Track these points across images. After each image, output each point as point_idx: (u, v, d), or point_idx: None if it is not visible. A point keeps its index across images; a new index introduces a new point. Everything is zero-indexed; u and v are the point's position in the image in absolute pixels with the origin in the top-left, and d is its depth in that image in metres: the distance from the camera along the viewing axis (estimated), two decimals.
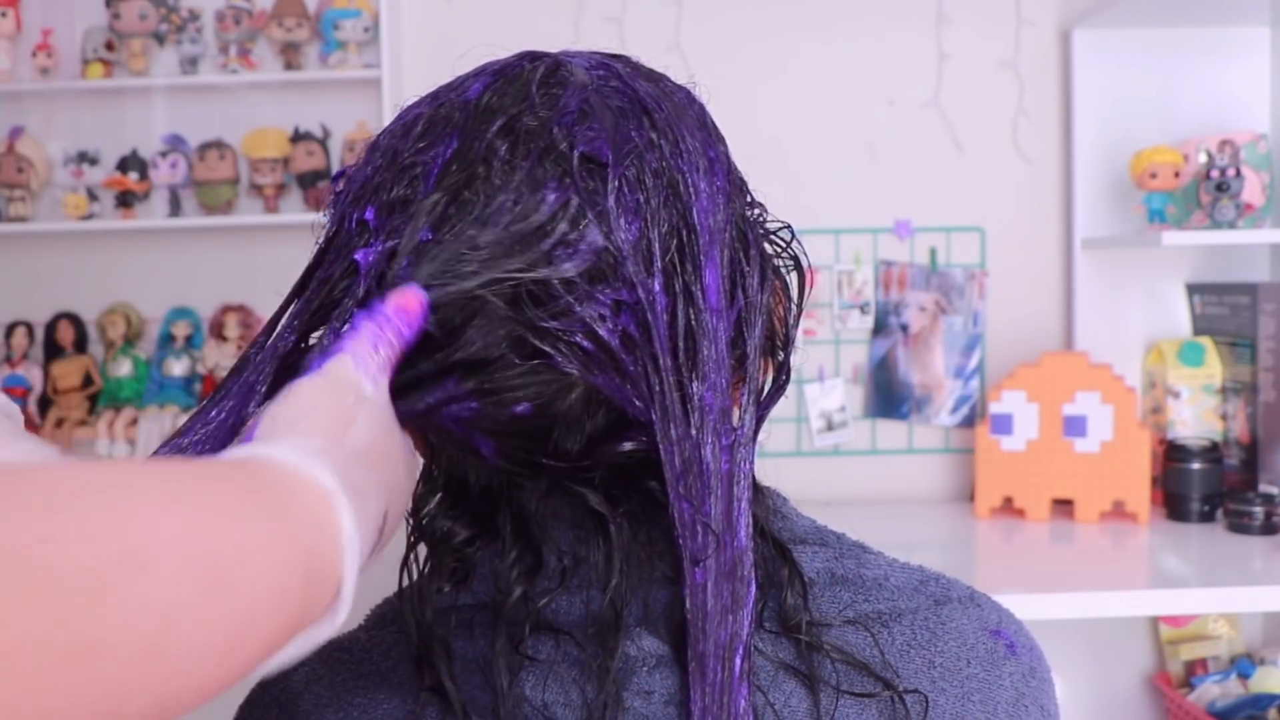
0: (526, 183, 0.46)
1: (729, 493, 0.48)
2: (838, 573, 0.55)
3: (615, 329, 0.46)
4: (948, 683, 0.52)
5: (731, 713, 0.47)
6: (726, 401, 0.48)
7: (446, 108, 0.49)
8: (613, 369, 0.46)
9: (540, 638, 0.51)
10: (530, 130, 0.47)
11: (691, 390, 0.47)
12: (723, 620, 0.47)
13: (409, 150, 0.48)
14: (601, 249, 0.45)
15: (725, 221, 0.49)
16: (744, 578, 0.48)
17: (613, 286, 0.46)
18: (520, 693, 0.50)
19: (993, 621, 0.55)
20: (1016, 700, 0.53)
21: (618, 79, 0.50)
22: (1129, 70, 1.94)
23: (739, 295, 0.49)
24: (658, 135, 0.48)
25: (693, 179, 0.48)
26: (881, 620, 0.53)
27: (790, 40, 2.01)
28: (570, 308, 0.45)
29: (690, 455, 0.47)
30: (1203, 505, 1.77)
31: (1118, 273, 1.96)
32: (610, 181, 0.46)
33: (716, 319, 0.48)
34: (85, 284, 2.04)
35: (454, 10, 2.02)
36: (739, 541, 0.48)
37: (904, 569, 0.56)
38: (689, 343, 0.47)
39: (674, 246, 0.47)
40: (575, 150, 0.46)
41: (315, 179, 1.98)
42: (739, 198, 0.52)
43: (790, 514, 0.57)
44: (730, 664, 0.47)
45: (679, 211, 0.47)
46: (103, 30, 1.99)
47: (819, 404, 2.02)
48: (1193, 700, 1.80)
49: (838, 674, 0.51)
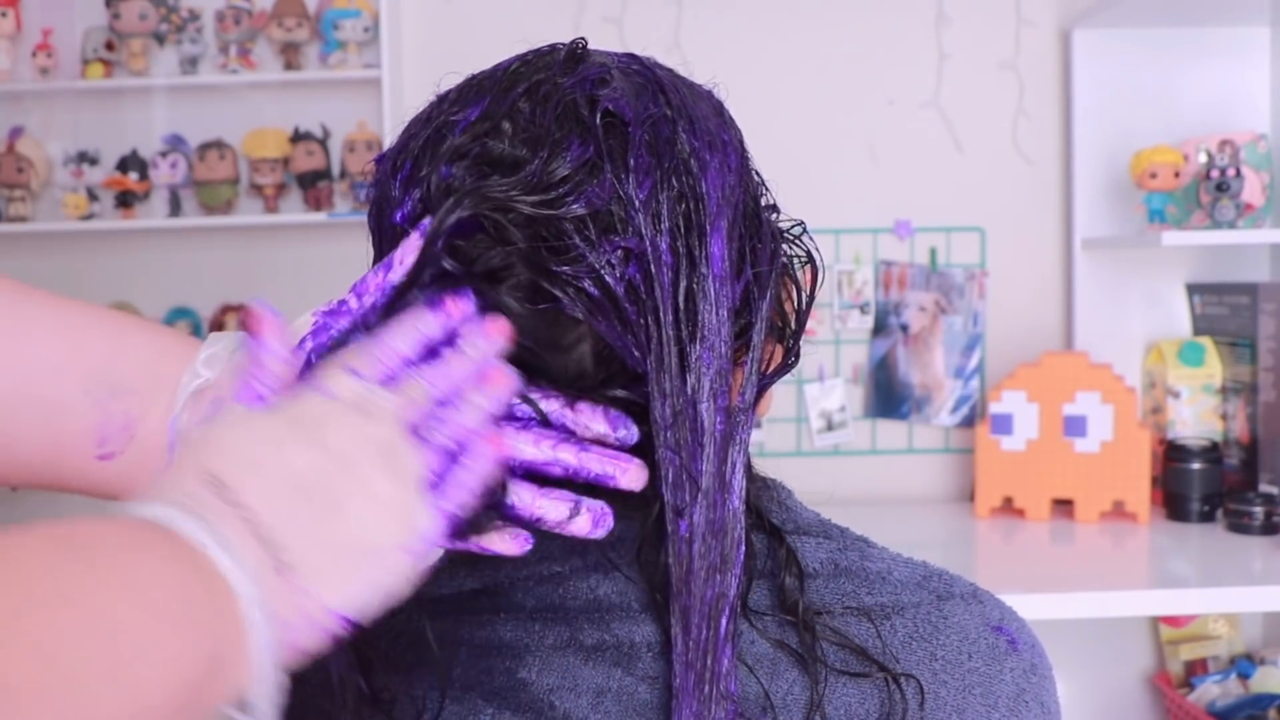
0: (547, 137, 0.48)
1: (722, 453, 0.49)
2: (841, 564, 0.55)
3: (621, 277, 0.48)
4: (949, 675, 0.52)
5: (715, 671, 0.48)
6: (725, 364, 0.49)
7: (478, 79, 0.52)
8: (615, 317, 0.48)
9: (546, 623, 0.51)
10: (551, 92, 0.49)
11: (690, 350, 0.48)
12: (709, 578, 0.48)
13: (440, 114, 0.51)
14: (611, 195, 0.47)
15: (735, 197, 0.51)
16: (735, 540, 0.49)
17: (623, 236, 0.47)
18: (526, 678, 0.50)
19: (995, 618, 0.55)
20: (1017, 696, 0.53)
21: (638, 63, 0.53)
22: (1129, 70, 1.94)
23: (746, 269, 0.51)
24: (672, 111, 0.50)
25: (703, 153, 0.50)
26: (884, 613, 0.53)
27: (790, 40, 2.01)
28: (582, 254, 0.47)
29: (682, 409, 0.48)
30: (1203, 505, 1.77)
31: (1118, 273, 1.96)
32: (633, 135, 0.48)
33: (719, 285, 0.49)
34: (85, 284, 2.04)
35: (454, 10, 2.02)
36: (731, 503, 0.49)
37: (907, 564, 0.56)
38: (690, 304, 0.48)
39: (681, 212, 0.49)
40: (598, 108, 0.48)
41: (315, 179, 1.98)
42: (750, 182, 0.53)
43: (795, 506, 0.58)
44: (716, 623, 0.48)
45: (688, 182, 0.49)
46: (103, 30, 1.99)
47: (819, 404, 2.02)
48: (1193, 700, 1.80)
49: (835, 659, 0.51)
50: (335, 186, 2.01)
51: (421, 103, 0.54)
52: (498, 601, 0.53)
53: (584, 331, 0.49)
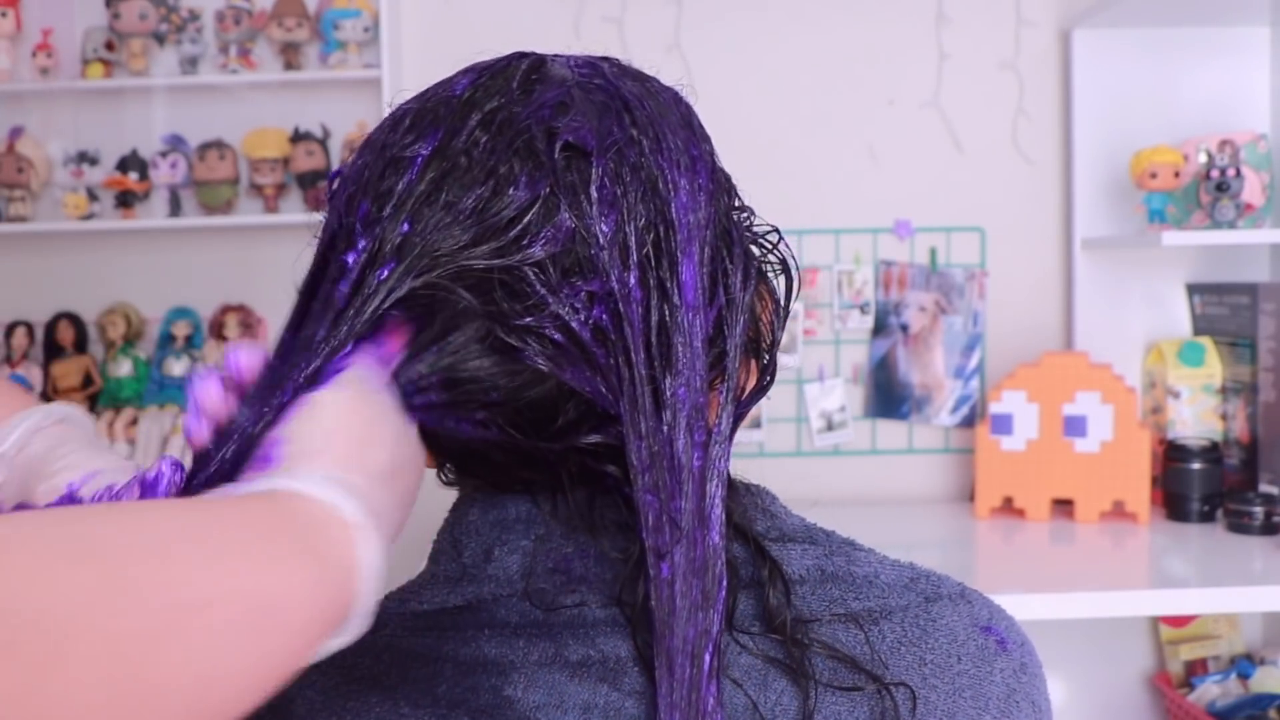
0: (503, 174, 0.46)
1: (700, 489, 0.48)
2: (828, 570, 0.54)
3: (587, 321, 0.46)
4: (939, 679, 0.52)
5: (700, 710, 0.47)
6: (701, 398, 0.48)
7: (433, 103, 0.50)
8: (583, 361, 0.47)
9: (531, 639, 0.51)
10: (506, 121, 0.48)
11: (664, 385, 0.47)
12: (691, 617, 0.47)
13: (395, 144, 0.49)
14: (571, 231, 0.46)
15: (706, 219, 0.49)
16: (716, 576, 0.48)
17: (586, 279, 0.46)
18: (512, 695, 0.50)
19: (983, 618, 0.55)
20: (1008, 696, 0.53)
21: (601, 76, 0.51)
22: (1129, 70, 1.94)
23: (719, 294, 0.50)
24: (638, 131, 0.49)
25: (672, 175, 0.48)
26: (872, 617, 0.53)
27: (790, 40, 2.01)
28: (543, 301, 0.46)
29: (659, 449, 0.47)
30: (1203, 505, 1.77)
31: (1118, 273, 1.96)
32: (594, 168, 0.47)
33: (692, 315, 0.48)
34: (85, 284, 2.04)
35: (454, 10, 2.02)
36: (711, 539, 0.48)
37: (894, 566, 0.56)
38: (662, 338, 0.47)
39: (650, 241, 0.47)
40: (557, 141, 0.47)
41: (315, 179, 1.98)
42: (723, 198, 0.52)
43: (779, 512, 0.57)
44: (699, 661, 0.47)
45: (657, 207, 0.48)
46: (103, 30, 1.99)
47: (819, 404, 2.02)
48: (1193, 700, 1.80)
49: (825, 670, 0.50)
50: None
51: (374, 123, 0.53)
52: (480, 617, 0.52)
53: (548, 377, 0.47)
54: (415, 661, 0.52)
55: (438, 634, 0.52)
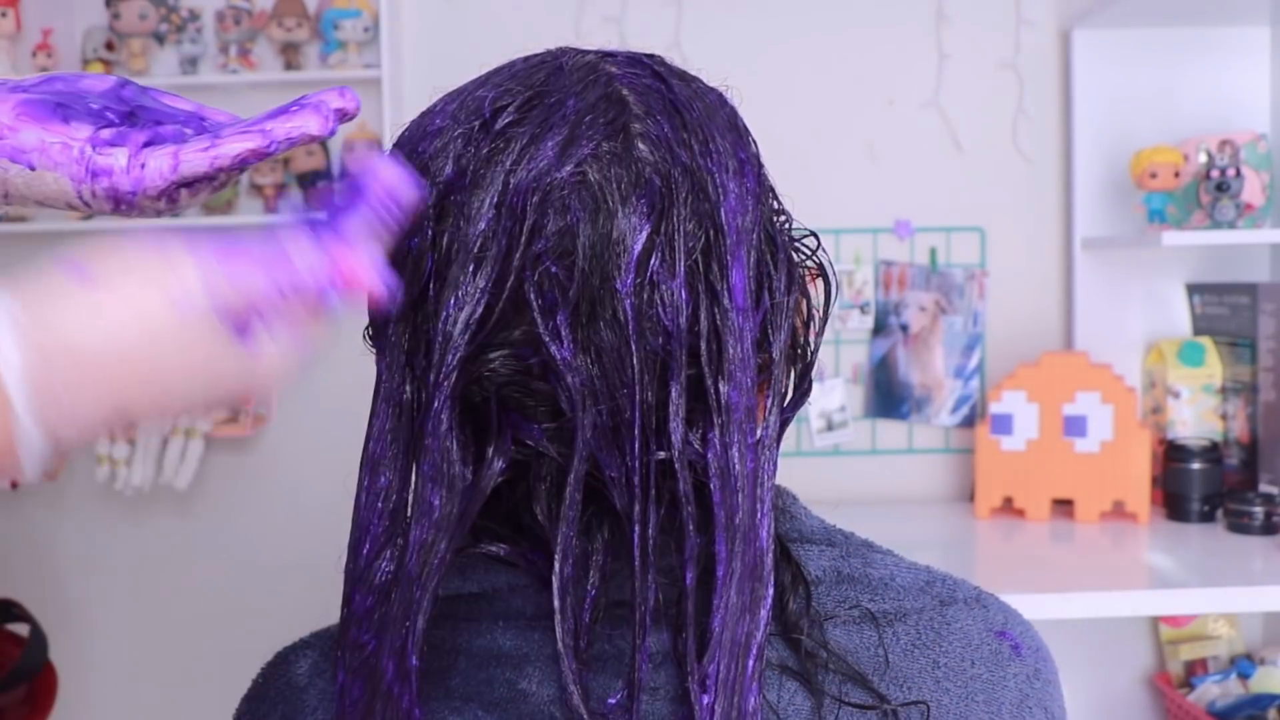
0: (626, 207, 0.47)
1: (753, 492, 0.48)
2: (844, 571, 0.54)
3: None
4: (952, 683, 0.52)
5: (741, 711, 0.47)
6: (751, 401, 0.48)
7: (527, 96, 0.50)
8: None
9: (547, 631, 0.50)
10: (611, 152, 0.48)
11: (719, 389, 0.47)
12: (740, 618, 0.47)
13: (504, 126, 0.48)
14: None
15: (754, 223, 0.49)
16: (764, 577, 0.48)
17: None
18: (527, 689, 0.50)
19: (998, 623, 0.55)
20: (1021, 702, 0.53)
21: (651, 75, 0.50)
22: (1129, 70, 1.94)
23: (765, 298, 0.49)
24: (689, 135, 0.48)
25: (721, 179, 0.48)
26: (886, 620, 0.53)
27: (790, 40, 2.01)
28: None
29: (718, 454, 0.47)
30: (1203, 505, 1.77)
31: (1118, 273, 1.96)
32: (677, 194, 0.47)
33: (743, 319, 0.47)
34: None
35: (454, 10, 2.02)
36: (760, 541, 0.48)
37: (910, 568, 0.56)
38: (713, 341, 0.47)
39: (699, 247, 0.47)
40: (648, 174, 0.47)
41: (315, 179, 1.98)
42: (768, 200, 0.52)
43: (799, 513, 0.57)
44: (744, 662, 0.47)
45: (707, 211, 0.47)
46: (103, 30, 1.98)
47: (819, 404, 2.02)
48: (1193, 700, 1.80)
49: (837, 683, 0.50)
50: (335, 186, 2.00)
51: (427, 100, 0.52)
52: (496, 607, 0.52)
53: None
54: (430, 655, 0.51)
55: (452, 624, 0.52)
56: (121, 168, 0.48)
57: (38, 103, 0.50)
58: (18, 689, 1.69)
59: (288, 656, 0.57)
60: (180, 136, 0.50)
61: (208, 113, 0.53)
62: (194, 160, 0.48)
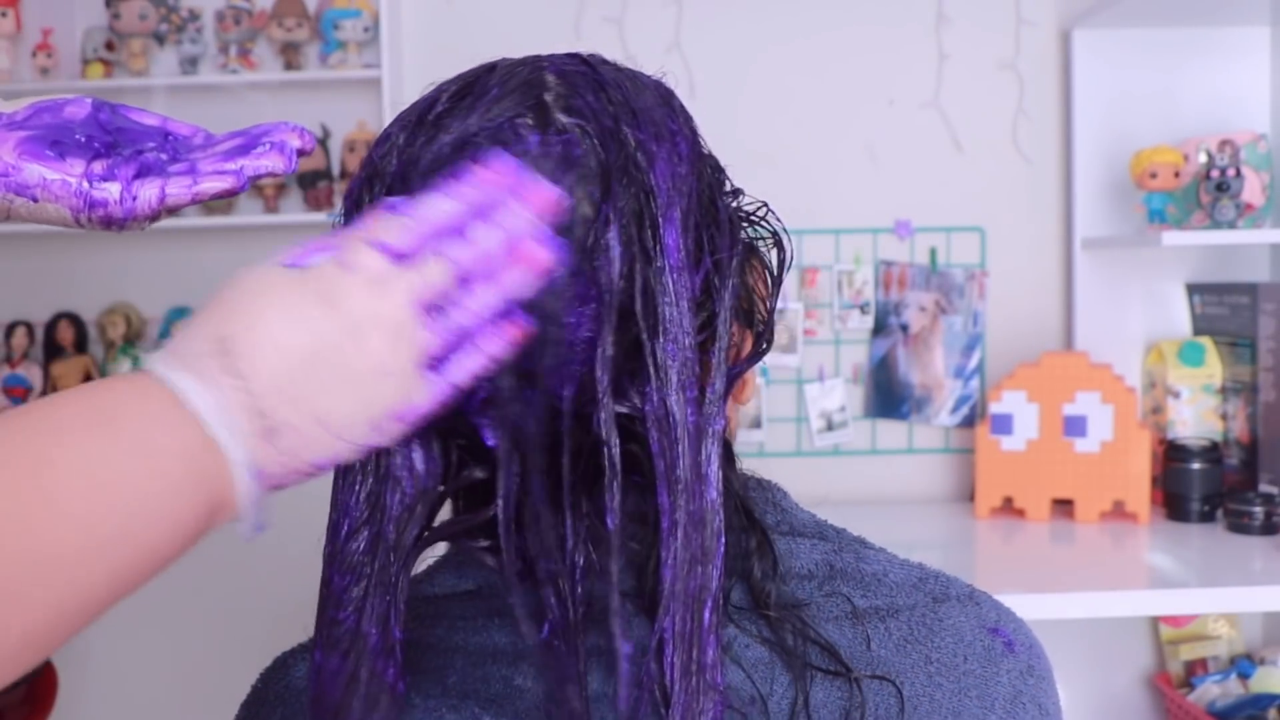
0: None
1: (696, 445, 0.48)
2: (836, 566, 0.55)
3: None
4: (944, 678, 0.52)
5: (700, 663, 0.47)
6: (690, 355, 0.49)
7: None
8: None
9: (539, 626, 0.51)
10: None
11: (655, 346, 0.48)
12: (691, 570, 0.48)
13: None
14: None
15: (688, 187, 0.50)
16: (715, 532, 0.48)
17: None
18: (522, 684, 0.50)
19: (991, 619, 0.55)
20: (1014, 698, 0.53)
21: (580, 63, 0.52)
22: (1129, 70, 1.94)
23: (706, 259, 0.50)
24: (614, 107, 0.50)
25: (648, 145, 0.49)
26: (879, 615, 0.53)
27: (790, 40, 2.01)
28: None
29: (656, 407, 0.48)
30: (1203, 505, 1.77)
31: (1118, 273, 1.96)
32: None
33: (677, 276, 0.48)
34: (85, 284, 2.04)
35: (454, 10, 2.02)
36: (709, 495, 0.49)
37: (903, 565, 0.56)
38: (648, 300, 0.48)
39: (629, 208, 0.48)
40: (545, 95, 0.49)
41: (315, 179, 1.98)
42: (706, 170, 0.53)
43: (790, 508, 0.58)
44: (699, 615, 0.48)
45: (634, 175, 0.49)
46: (103, 30, 1.99)
47: (819, 404, 2.02)
48: (1193, 700, 1.80)
49: (817, 654, 0.51)
50: (335, 187, 2.01)
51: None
52: (491, 604, 0.52)
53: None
54: (428, 653, 0.52)
55: (449, 624, 0.53)
56: (115, 199, 0.55)
57: (36, 139, 0.56)
58: (18, 689, 1.69)
59: (286, 660, 0.57)
60: (160, 164, 0.57)
61: (172, 126, 0.60)
62: (178, 194, 0.56)
